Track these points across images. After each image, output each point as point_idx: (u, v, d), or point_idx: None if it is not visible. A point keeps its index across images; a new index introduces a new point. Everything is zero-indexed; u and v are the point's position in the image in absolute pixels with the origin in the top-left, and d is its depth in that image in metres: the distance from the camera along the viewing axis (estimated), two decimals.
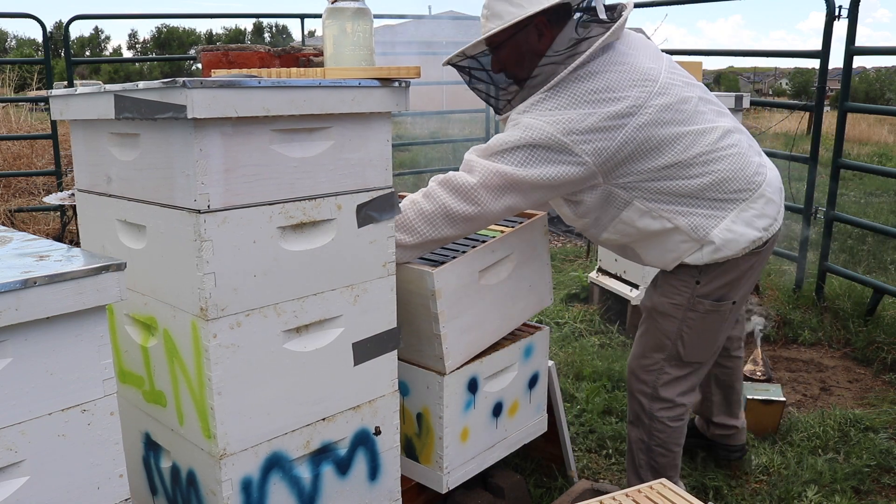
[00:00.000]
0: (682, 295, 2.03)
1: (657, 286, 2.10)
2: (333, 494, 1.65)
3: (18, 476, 1.08)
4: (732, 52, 13.63)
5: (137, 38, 50.49)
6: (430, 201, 1.84)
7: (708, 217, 1.93)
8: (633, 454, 2.20)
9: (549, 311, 4.08)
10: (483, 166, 1.85)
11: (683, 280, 2.02)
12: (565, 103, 1.82)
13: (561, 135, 1.81)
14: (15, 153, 6.71)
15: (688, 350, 2.07)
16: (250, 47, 1.72)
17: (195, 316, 1.40)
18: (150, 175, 1.45)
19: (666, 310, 2.06)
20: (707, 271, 1.99)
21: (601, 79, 1.84)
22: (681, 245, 1.96)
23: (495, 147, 1.87)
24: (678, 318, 2.05)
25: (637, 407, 2.15)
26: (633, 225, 1.98)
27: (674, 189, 1.91)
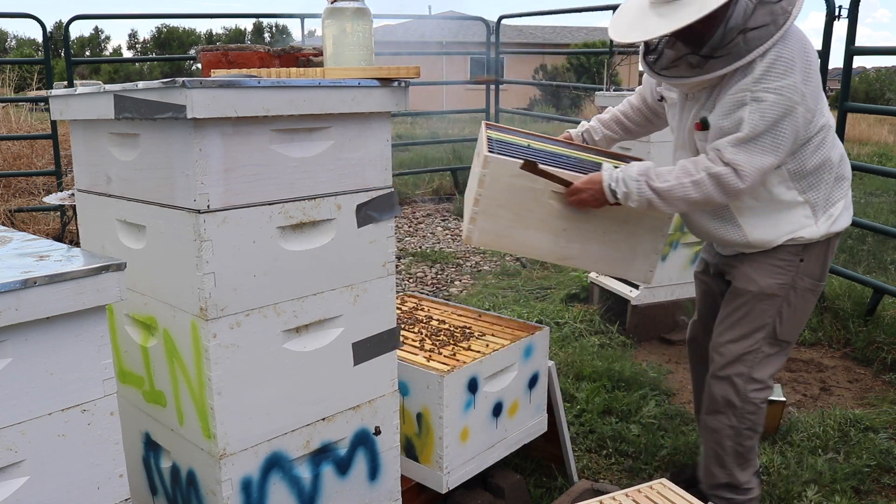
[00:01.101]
0: (787, 273, 2.05)
1: (756, 268, 2.08)
2: (333, 494, 1.65)
3: (18, 476, 1.08)
4: None
5: (137, 38, 50.46)
6: (699, 190, 1.89)
7: (830, 193, 2.00)
8: (718, 443, 2.17)
9: (550, 310, 4.08)
10: (751, 169, 1.86)
11: (786, 259, 2.04)
12: (788, 68, 1.82)
13: (799, 100, 1.84)
14: (15, 153, 6.71)
15: (784, 328, 2.08)
16: (250, 47, 1.72)
17: (195, 316, 1.40)
18: (149, 175, 1.45)
19: (773, 290, 2.06)
20: (810, 249, 2.04)
21: (800, 41, 1.86)
22: (802, 219, 2.00)
23: (753, 134, 1.85)
24: (781, 297, 2.06)
25: (730, 391, 2.12)
26: (769, 190, 1.99)
27: (810, 161, 1.96)
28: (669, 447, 2.69)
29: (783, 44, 1.81)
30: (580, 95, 14.83)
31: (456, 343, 2.23)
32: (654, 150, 3.61)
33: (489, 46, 7.40)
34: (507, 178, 1.97)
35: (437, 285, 4.93)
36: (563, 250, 2.08)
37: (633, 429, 2.81)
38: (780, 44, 1.81)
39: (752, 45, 1.81)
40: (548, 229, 2.04)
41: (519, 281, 4.81)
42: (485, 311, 2.55)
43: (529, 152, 2.11)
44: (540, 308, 4.13)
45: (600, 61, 18.81)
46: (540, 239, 2.05)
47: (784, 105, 1.81)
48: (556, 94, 20.91)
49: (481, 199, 1.99)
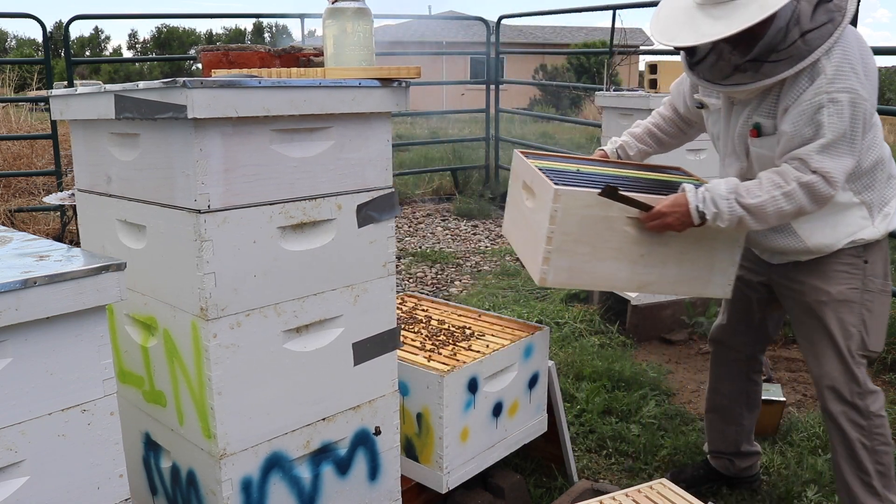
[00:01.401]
0: (855, 277, 1.99)
1: (823, 278, 2.00)
2: (333, 494, 1.65)
3: (18, 476, 1.08)
4: None
5: (137, 38, 50.46)
6: (790, 202, 1.82)
7: (883, 192, 1.96)
8: (858, 466, 2.05)
9: (550, 310, 4.08)
10: (839, 174, 1.80)
11: (851, 262, 1.99)
12: (852, 65, 1.77)
13: (867, 96, 1.79)
14: (15, 153, 6.71)
15: (871, 337, 2.01)
16: (250, 47, 1.72)
17: (195, 316, 1.40)
18: (150, 175, 1.45)
19: (847, 296, 1.99)
20: (871, 249, 1.99)
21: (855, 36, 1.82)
22: (859, 220, 1.95)
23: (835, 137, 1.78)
24: (858, 303, 1.99)
25: (851, 412, 2.02)
26: None
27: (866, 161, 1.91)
28: (669, 447, 2.69)
29: (843, 41, 1.76)
30: (580, 95, 14.83)
31: (456, 343, 2.23)
32: None
33: (489, 46, 7.40)
34: (580, 210, 1.85)
35: (437, 285, 4.93)
36: (640, 277, 1.97)
37: (633, 429, 2.81)
38: (841, 41, 1.76)
39: (812, 45, 1.75)
40: (625, 258, 1.93)
41: (519, 281, 4.81)
42: (485, 311, 2.55)
43: (584, 177, 1.99)
44: (540, 308, 4.13)
45: (600, 61, 18.81)
46: (617, 269, 1.93)
47: (855, 103, 1.76)
48: (556, 94, 20.90)
49: (555, 236, 1.85)
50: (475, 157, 8.23)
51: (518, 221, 2.12)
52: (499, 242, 6.07)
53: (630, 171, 2.17)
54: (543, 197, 1.89)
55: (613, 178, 2.04)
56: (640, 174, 2.16)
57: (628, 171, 2.17)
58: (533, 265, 1.94)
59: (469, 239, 6.21)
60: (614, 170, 2.16)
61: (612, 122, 3.93)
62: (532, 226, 1.97)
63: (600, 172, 2.09)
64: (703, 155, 3.72)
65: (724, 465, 2.43)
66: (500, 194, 7.36)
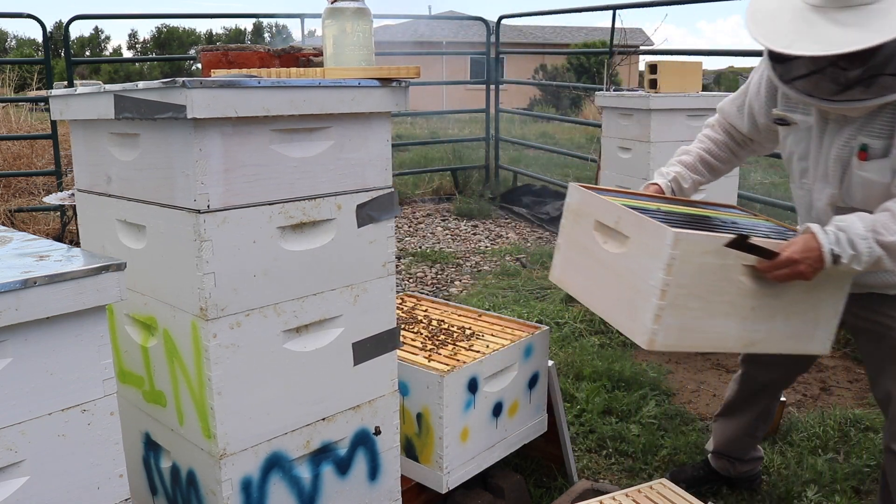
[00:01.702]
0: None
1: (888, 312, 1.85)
2: (333, 494, 1.65)
3: (18, 476, 1.08)
4: (732, 52, 13.59)
5: (137, 38, 50.43)
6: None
7: None
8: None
9: (550, 311, 4.08)
10: None
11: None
12: None
13: None
14: (15, 153, 6.71)
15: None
16: (250, 47, 1.72)
17: (195, 316, 1.40)
18: (150, 175, 1.45)
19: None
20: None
21: None
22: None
23: None
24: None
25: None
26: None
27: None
28: (669, 447, 2.69)
29: None
30: (580, 95, 14.83)
31: (456, 343, 2.23)
32: (654, 149, 3.61)
33: (489, 46, 7.40)
34: (698, 258, 1.60)
35: (437, 285, 4.93)
36: (749, 334, 1.73)
37: (633, 429, 2.81)
38: None
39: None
40: (736, 312, 1.70)
41: (519, 281, 4.81)
42: (485, 311, 2.55)
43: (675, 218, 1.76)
44: (540, 308, 4.13)
45: (600, 61, 18.81)
46: (727, 326, 1.70)
47: None
48: (556, 94, 20.90)
49: (670, 289, 1.59)
50: (475, 157, 8.24)
51: (589, 269, 1.83)
52: (499, 242, 6.07)
53: (702, 210, 1.97)
54: (649, 242, 1.62)
55: (693, 217, 1.83)
56: (716, 213, 1.96)
57: (701, 210, 1.96)
58: (633, 323, 1.66)
59: (469, 239, 6.21)
60: (686, 208, 1.94)
61: (612, 122, 3.93)
62: (623, 275, 1.70)
63: (678, 212, 1.85)
64: None
65: (724, 466, 2.42)
66: (499, 194, 7.36)
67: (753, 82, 1.97)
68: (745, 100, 2.00)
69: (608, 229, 1.76)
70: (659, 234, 1.59)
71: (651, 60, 3.78)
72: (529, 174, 7.69)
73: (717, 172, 2.12)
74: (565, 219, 1.93)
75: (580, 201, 1.88)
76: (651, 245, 1.61)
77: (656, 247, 1.59)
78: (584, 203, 1.87)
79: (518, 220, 6.87)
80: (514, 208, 7.05)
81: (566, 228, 1.93)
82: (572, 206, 1.91)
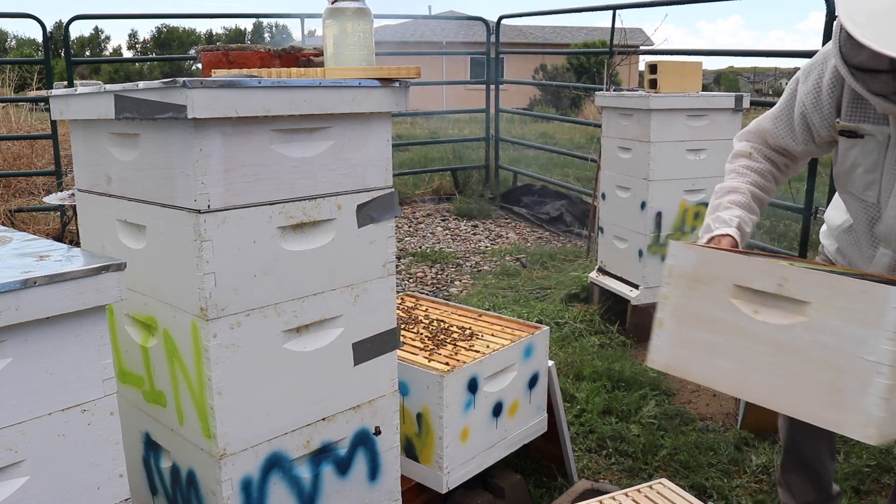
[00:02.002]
0: None
1: None
2: (333, 494, 1.65)
3: (18, 476, 1.08)
4: (732, 52, 13.61)
5: (137, 38, 50.43)
6: None
7: None
8: None
9: (550, 310, 4.08)
10: None
11: None
12: None
13: None
14: (15, 153, 6.71)
15: None
16: (250, 47, 1.72)
17: (195, 316, 1.40)
18: (150, 175, 1.45)
19: None
20: None
21: None
22: None
23: None
24: None
25: None
26: None
27: None
28: (669, 447, 2.69)
29: None
30: (580, 95, 14.83)
31: (456, 343, 2.23)
32: (654, 150, 3.61)
33: (489, 46, 7.40)
34: None
35: (437, 285, 4.93)
36: None
37: (633, 429, 2.81)
38: None
39: None
40: None
41: (519, 281, 4.81)
42: (485, 311, 2.55)
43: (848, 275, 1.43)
44: (540, 308, 4.13)
45: (600, 61, 18.82)
46: None
47: None
48: (556, 94, 20.91)
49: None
50: (475, 157, 8.24)
51: (727, 348, 1.45)
52: (499, 242, 6.07)
53: (834, 267, 1.72)
54: (857, 307, 1.28)
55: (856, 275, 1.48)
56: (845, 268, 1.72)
57: (834, 267, 1.73)
58: (843, 413, 1.30)
59: (469, 239, 6.21)
60: (818, 265, 1.67)
61: (612, 122, 3.93)
62: (806, 352, 1.35)
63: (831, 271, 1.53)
64: (703, 155, 3.72)
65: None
66: (499, 194, 7.36)
67: (806, 93, 1.73)
68: (793, 115, 1.78)
69: (761, 295, 1.40)
70: (877, 297, 1.25)
71: (651, 60, 3.78)
72: (529, 174, 7.69)
73: (763, 206, 1.85)
74: (671, 287, 1.54)
75: (700, 262, 1.49)
76: (862, 310, 1.27)
77: (874, 312, 1.25)
78: (707, 265, 1.48)
79: (518, 220, 6.87)
80: (514, 208, 7.06)
81: (673, 300, 1.54)
82: (684, 271, 1.51)
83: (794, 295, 1.35)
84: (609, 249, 4.04)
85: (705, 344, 1.48)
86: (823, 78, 1.68)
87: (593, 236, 4.93)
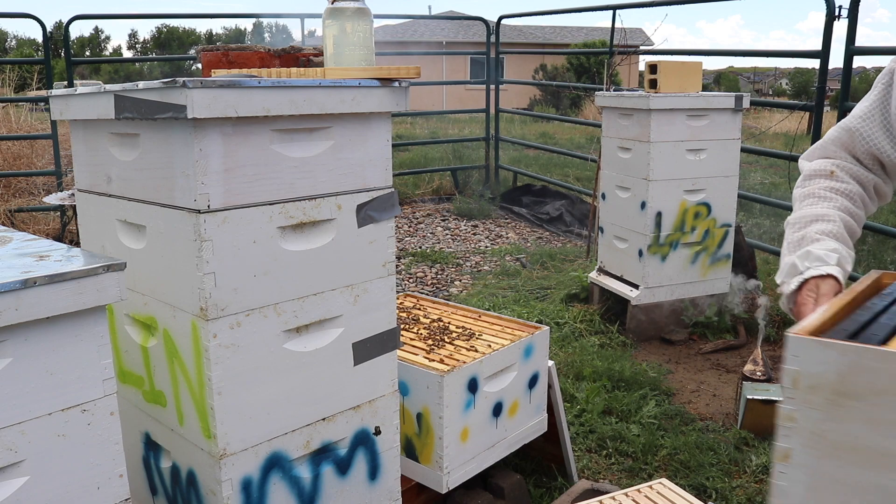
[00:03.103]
0: None
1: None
2: (333, 494, 1.65)
3: (18, 476, 1.08)
4: (732, 52, 13.61)
5: (137, 38, 50.42)
6: None
7: None
8: None
9: (550, 310, 4.08)
10: None
11: None
12: None
13: None
14: (15, 153, 6.71)
15: None
16: (250, 47, 1.72)
17: (195, 316, 1.40)
18: (150, 175, 1.45)
19: None
20: None
21: None
22: None
23: None
24: None
25: None
26: None
27: None
28: (669, 447, 2.69)
29: None
30: (580, 95, 14.83)
31: (456, 343, 2.23)
32: (654, 150, 3.61)
33: (489, 46, 7.40)
34: None
35: (437, 285, 4.93)
36: None
37: (633, 429, 2.81)
38: None
39: None
40: None
41: (519, 281, 4.81)
42: (485, 311, 2.55)
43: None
44: (540, 308, 4.13)
45: (600, 61, 18.80)
46: None
47: None
48: (556, 94, 20.90)
49: None
50: (475, 157, 8.24)
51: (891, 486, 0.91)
52: (499, 242, 6.07)
53: None
54: None
55: None
56: None
57: None
58: None
59: (469, 239, 6.21)
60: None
61: (611, 122, 3.93)
62: None
63: None
64: (703, 155, 3.72)
65: None
66: (499, 194, 7.36)
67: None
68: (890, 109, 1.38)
69: None
70: None
71: (651, 60, 3.78)
72: (529, 174, 7.69)
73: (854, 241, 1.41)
74: (799, 403, 0.99)
75: (850, 366, 0.92)
76: None
77: None
78: (856, 370, 0.92)
79: (518, 220, 6.87)
80: (514, 208, 7.06)
81: (805, 422, 0.98)
82: (824, 380, 0.95)
83: None
84: (609, 249, 4.04)
85: (862, 489, 0.96)
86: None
87: (593, 236, 4.93)
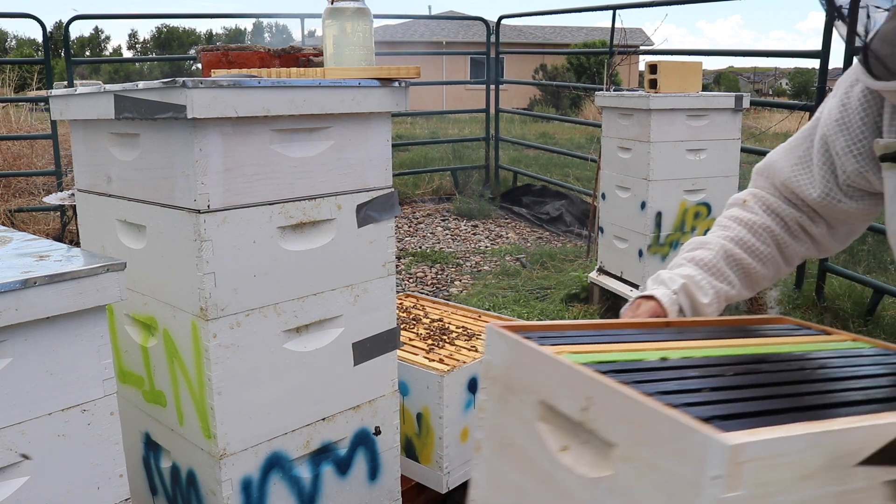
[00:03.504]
0: None
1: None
2: (333, 494, 1.65)
3: (18, 476, 1.08)
4: (732, 52, 13.61)
5: (137, 38, 50.45)
6: None
7: None
8: None
9: (550, 311, 4.08)
10: None
11: None
12: None
13: None
14: (15, 153, 6.71)
15: None
16: (250, 47, 1.72)
17: (195, 316, 1.40)
18: (150, 175, 1.45)
19: None
20: None
21: None
22: None
23: None
24: None
25: None
26: None
27: None
28: None
29: None
30: (580, 95, 14.83)
31: (456, 343, 2.23)
32: (654, 150, 3.61)
33: (489, 46, 7.40)
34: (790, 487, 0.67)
35: (437, 285, 4.93)
36: None
37: None
38: None
39: None
40: None
41: (519, 281, 4.81)
42: (485, 312, 2.55)
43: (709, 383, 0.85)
44: (540, 308, 4.13)
45: (600, 61, 18.82)
46: None
47: None
48: (556, 94, 20.90)
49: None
50: (475, 157, 8.24)
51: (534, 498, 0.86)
52: (499, 242, 6.07)
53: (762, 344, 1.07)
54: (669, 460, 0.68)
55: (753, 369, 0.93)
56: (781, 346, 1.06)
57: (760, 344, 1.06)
58: None
59: (469, 239, 6.21)
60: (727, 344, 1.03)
61: (611, 122, 3.93)
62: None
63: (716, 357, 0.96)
64: (703, 155, 3.72)
65: None
66: (499, 194, 7.36)
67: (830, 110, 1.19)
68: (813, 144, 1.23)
69: (569, 423, 0.82)
70: (692, 444, 0.66)
71: (651, 60, 3.77)
72: (529, 174, 7.69)
73: (753, 278, 1.28)
74: (486, 394, 0.94)
75: (512, 361, 0.90)
76: (676, 470, 0.68)
77: (686, 473, 0.67)
78: (519, 365, 0.89)
79: (518, 220, 6.87)
80: (514, 208, 7.06)
81: (489, 414, 0.94)
82: (499, 372, 0.92)
83: (598, 429, 0.77)
84: (609, 249, 4.04)
85: (514, 489, 0.90)
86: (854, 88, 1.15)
87: (593, 236, 4.93)
